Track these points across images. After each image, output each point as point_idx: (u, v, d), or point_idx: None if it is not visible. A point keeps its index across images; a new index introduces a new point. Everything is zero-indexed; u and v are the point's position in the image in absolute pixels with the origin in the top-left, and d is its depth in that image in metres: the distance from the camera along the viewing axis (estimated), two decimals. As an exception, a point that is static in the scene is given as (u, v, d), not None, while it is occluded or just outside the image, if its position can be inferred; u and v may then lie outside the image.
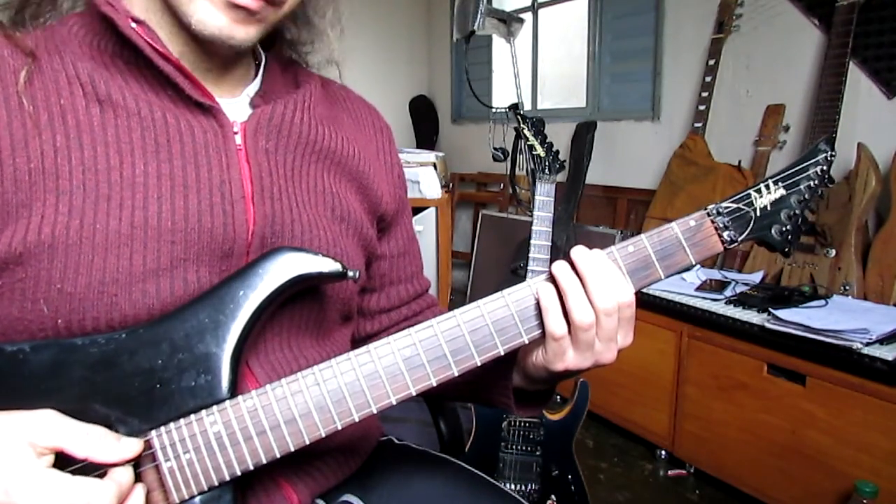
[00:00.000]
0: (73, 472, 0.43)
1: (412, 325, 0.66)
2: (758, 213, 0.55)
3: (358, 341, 0.73)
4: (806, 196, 0.55)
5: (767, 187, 0.55)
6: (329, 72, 0.68)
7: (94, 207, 0.48)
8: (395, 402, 0.51)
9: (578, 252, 0.52)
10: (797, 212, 0.55)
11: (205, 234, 0.52)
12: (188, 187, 0.52)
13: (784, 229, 0.55)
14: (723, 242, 0.54)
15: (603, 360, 0.54)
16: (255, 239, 0.55)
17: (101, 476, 0.44)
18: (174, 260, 0.51)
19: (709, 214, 0.54)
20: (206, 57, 0.56)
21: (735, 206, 0.54)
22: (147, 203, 0.50)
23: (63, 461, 0.44)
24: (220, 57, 0.57)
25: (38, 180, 0.47)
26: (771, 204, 0.55)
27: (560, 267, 0.52)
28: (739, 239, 0.54)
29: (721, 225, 0.54)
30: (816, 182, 0.56)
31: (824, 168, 0.56)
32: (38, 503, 0.41)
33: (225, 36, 0.51)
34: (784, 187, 0.55)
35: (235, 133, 0.56)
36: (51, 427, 0.43)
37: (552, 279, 0.52)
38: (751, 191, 0.55)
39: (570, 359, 0.53)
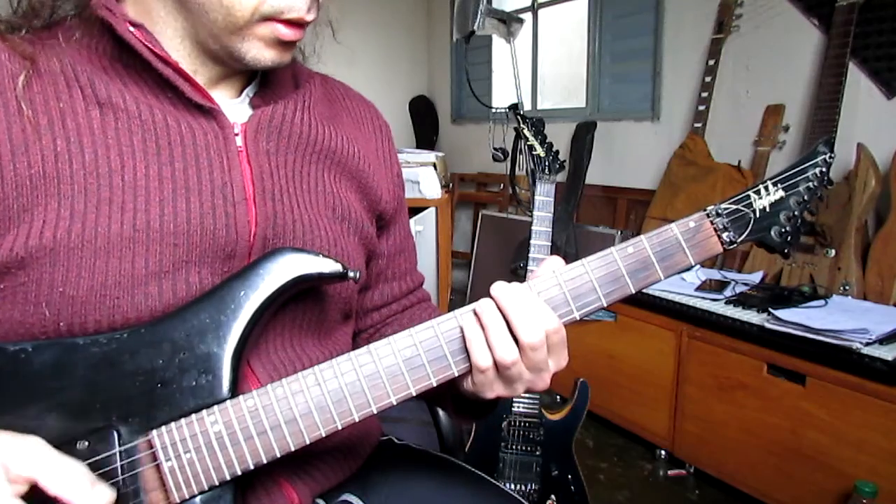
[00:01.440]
0: None
1: (403, 320, 0.65)
2: (757, 215, 0.54)
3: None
4: (805, 198, 0.55)
5: (767, 189, 0.55)
6: (324, 34, 0.67)
7: (95, 211, 0.48)
8: (395, 402, 0.51)
9: (498, 288, 0.51)
10: (796, 213, 0.55)
11: (207, 236, 0.52)
12: (190, 189, 0.52)
13: (783, 231, 0.55)
14: (722, 243, 0.54)
15: (536, 388, 0.53)
16: (256, 240, 0.55)
17: None
18: (176, 262, 0.51)
19: (708, 216, 0.54)
20: (209, 60, 0.56)
21: (734, 207, 0.54)
22: (149, 206, 0.50)
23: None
24: (227, 64, 0.57)
25: (40, 185, 0.47)
26: (770, 205, 0.55)
27: (483, 305, 0.51)
28: (738, 240, 0.54)
29: (720, 226, 0.54)
30: (816, 184, 0.55)
31: (823, 170, 0.56)
32: None
33: (276, 64, 0.55)
34: (783, 189, 0.55)
35: (236, 134, 0.56)
36: (30, 457, 0.42)
37: (476, 317, 0.51)
38: (750, 192, 0.55)
39: (498, 388, 0.52)
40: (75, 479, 0.43)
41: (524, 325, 0.49)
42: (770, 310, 1.62)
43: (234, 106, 0.59)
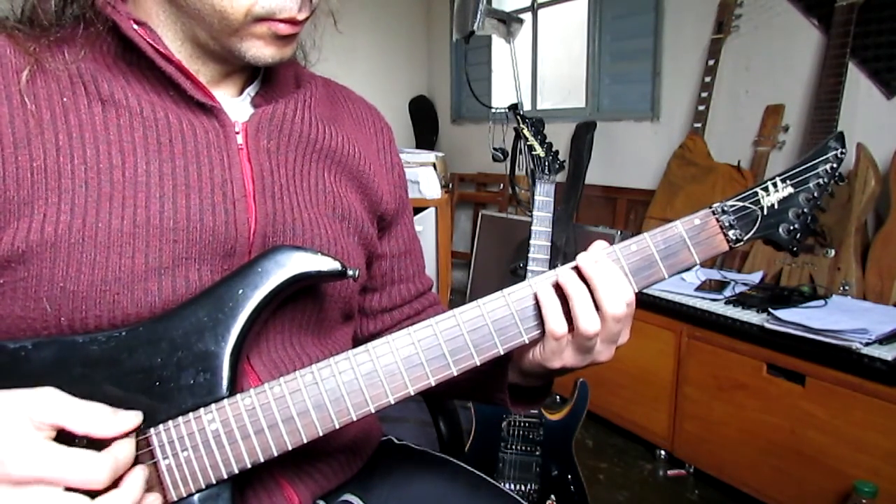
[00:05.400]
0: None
1: (414, 325, 0.65)
2: (765, 212, 0.53)
3: (360, 341, 0.72)
4: (815, 194, 0.54)
5: (775, 185, 0.54)
6: (323, 27, 0.67)
7: (96, 206, 0.48)
8: (393, 402, 0.51)
9: (586, 258, 0.51)
10: (805, 210, 0.54)
11: (207, 233, 0.52)
12: (190, 187, 0.52)
13: (792, 228, 0.54)
14: (728, 241, 0.53)
15: (601, 360, 0.53)
16: (256, 238, 0.55)
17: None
18: (176, 259, 0.51)
19: (714, 213, 0.53)
20: (211, 60, 0.56)
21: (741, 204, 0.53)
22: (149, 202, 0.50)
23: (68, 441, 0.44)
24: (228, 63, 0.57)
25: (41, 179, 0.47)
26: (778, 202, 0.54)
27: (567, 274, 0.51)
28: (745, 238, 0.53)
29: (726, 223, 0.53)
30: (826, 180, 0.54)
31: (834, 166, 0.54)
32: (28, 472, 0.41)
33: (277, 60, 0.55)
34: (792, 185, 0.54)
35: (237, 133, 0.56)
36: (50, 404, 0.43)
37: (557, 286, 0.51)
38: (758, 189, 0.54)
39: (567, 358, 0.53)
40: (97, 415, 0.45)
41: (611, 297, 0.50)
42: (770, 310, 1.62)
43: (236, 104, 0.59)
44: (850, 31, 1.83)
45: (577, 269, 0.51)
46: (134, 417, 0.47)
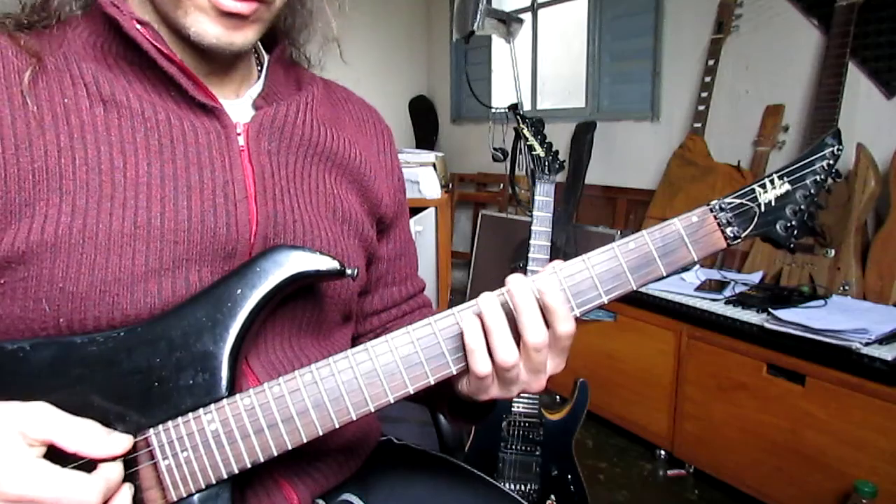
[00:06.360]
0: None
1: (404, 325, 0.66)
2: (762, 209, 0.53)
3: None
4: (812, 191, 0.54)
5: (772, 182, 0.54)
6: (330, 51, 0.67)
7: (97, 207, 0.48)
8: (392, 401, 0.51)
9: (514, 282, 0.49)
10: (802, 207, 0.54)
11: (207, 234, 0.52)
12: (191, 188, 0.52)
13: (789, 225, 0.54)
14: (726, 238, 0.53)
15: (531, 390, 0.52)
16: (257, 239, 0.55)
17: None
18: (176, 260, 0.51)
19: (711, 210, 0.53)
20: (207, 59, 0.56)
21: (739, 201, 0.53)
22: (150, 203, 0.50)
23: (58, 456, 0.44)
24: (221, 60, 0.57)
25: (42, 180, 0.47)
26: (776, 199, 0.53)
27: (488, 302, 0.50)
28: (743, 235, 0.53)
29: (724, 221, 0.53)
30: (823, 177, 0.54)
31: (831, 162, 0.54)
32: (23, 492, 0.40)
33: (224, 44, 0.52)
34: (789, 182, 0.54)
35: (238, 134, 0.56)
36: (43, 419, 0.43)
37: (478, 318, 0.50)
38: (755, 186, 0.54)
39: (494, 392, 0.52)
40: (90, 433, 0.45)
41: (532, 325, 0.48)
42: (770, 310, 1.62)
43: (237, 106, 0.59)
44: (850, 31, 1.83)
45: (499, 297, 0.50)
46: (125, 441, 0.46)
